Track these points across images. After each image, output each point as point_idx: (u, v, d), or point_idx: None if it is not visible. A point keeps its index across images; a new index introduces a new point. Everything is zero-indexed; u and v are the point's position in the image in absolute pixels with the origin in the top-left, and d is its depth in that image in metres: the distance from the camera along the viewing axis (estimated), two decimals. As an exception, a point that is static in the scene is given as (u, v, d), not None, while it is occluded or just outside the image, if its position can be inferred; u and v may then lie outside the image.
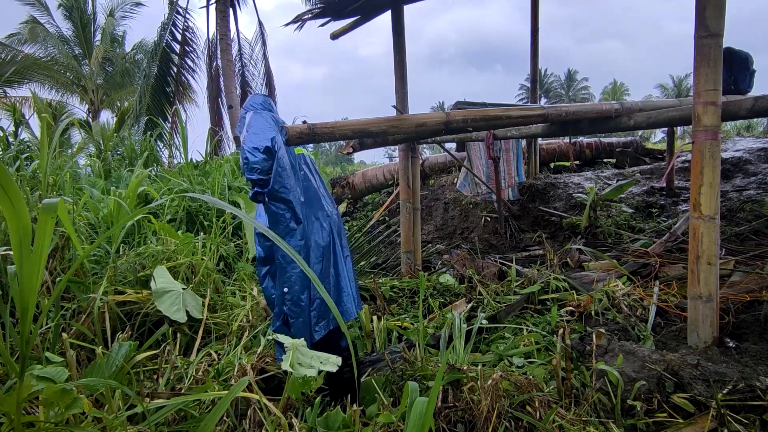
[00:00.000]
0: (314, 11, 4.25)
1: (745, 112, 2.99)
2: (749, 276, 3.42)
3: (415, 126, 3.06)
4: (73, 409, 1.58)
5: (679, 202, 6.19)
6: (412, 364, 2.37)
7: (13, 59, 15.22)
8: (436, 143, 6.94)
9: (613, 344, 2.59)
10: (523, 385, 2.15)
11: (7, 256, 2.73)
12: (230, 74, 12.56)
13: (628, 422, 2.10)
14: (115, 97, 20.48)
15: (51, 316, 2.55)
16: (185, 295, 3.06)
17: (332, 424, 1.96)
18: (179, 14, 14.74)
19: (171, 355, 2.46)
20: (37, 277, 1.40)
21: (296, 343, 1.95)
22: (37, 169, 4.21)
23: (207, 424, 1.50)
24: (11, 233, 1.34)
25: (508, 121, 3.54)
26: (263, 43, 16.36)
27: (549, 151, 10.20)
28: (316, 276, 1.80)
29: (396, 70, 4.42)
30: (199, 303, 3.14)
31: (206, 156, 6.54)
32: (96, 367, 2.06)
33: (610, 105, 3.78)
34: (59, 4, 19.28)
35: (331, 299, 1.31)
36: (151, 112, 13.56)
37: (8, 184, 1.27)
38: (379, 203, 9.29)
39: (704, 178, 2.55)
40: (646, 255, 4.29)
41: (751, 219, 5.02)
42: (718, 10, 2.51)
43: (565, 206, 6.66)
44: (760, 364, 2.37)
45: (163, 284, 3.02)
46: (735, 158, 6.91)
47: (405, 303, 3.83)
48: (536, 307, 3.50)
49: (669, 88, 49.31)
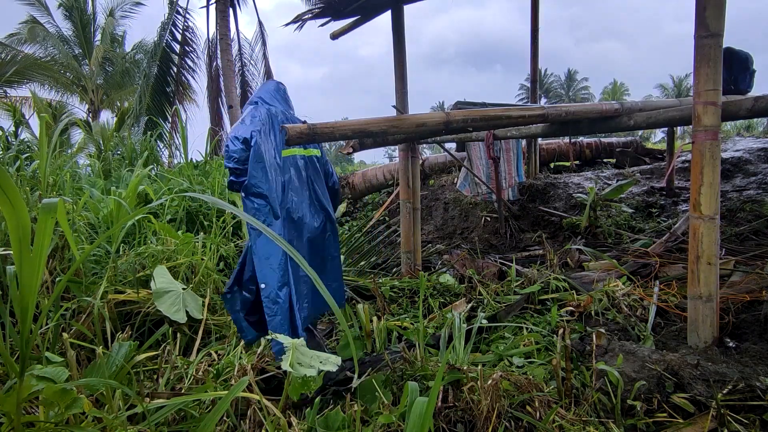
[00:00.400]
0: (314, 11, 4.24)
1: (745, 112, 2.99)
2: (749, 276, 3.42)
3: (415, 126, 3.06)
4: (73, 409, 1.58)
5: (679, 202, 6.19)
6: (412, 364, 2.37)
7: (13, 59, 15.22)
8: (436, 143, 6.94)
9: (613, 344, 2.59)
10: (523, 385, 2.15)
11: (6, 256, 2.73)
12: (230, 74, 12.55)
13: (628, 422, 2.10)
14: (115, 97, 20.48)
15: (51, 316, 2.55)
16: (185, 295, 3.06)
17: (332, 424, 1.96)
18: (179, 14, 14.74)
19: (171, 355, 2.46)
20: (37, 277, 1.40)
21: (296, 343, 1.95)
22: (37, 169, 4.21)
23: (207, 424, 1.50)
24: (11, 233, 1.34)
25: (508, 121, 3.53)
26: (263, 42, 16.36)
27: (549, 151, 10.20)
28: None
29: (396, 70, 4.42)
30: (199, 303, 3.14)
31: (206, 156, 6.53)
32: (96, 367, 2.06)
33: (610, 105, 3.78)
34: (59, 4, 19.28)
35: (325, 288, 1.28)
36: (151, 112, 13.56)
37: (7, 185, 1.27)
38: (379, 203, 9.29)
39: (704, 178, 2.55)
40: (646, 255, 4.29)
41: (751, 219, 5.02)
42: (718, 10, 2.51)
43: (565, 206, 6.65)
44: (760, 364, 2.37)
45: (163, 284, 3.01)
46: (735, 158, 6.91)
47: (405, 303, 3.83)
48: (536, 307, 3.50)
49: (669, 88, 49.31)
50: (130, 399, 2.02)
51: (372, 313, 3.11)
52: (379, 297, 3.70)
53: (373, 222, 7.18)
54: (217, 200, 1.44)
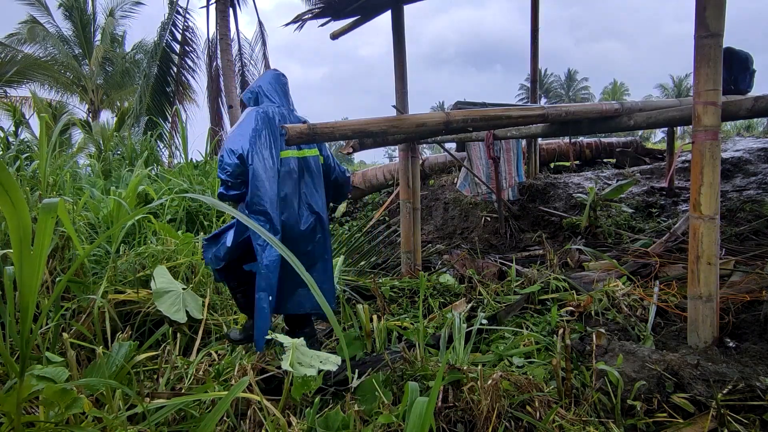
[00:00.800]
0: (314, 11, 4.25)
1: (745, 112, 2.99)
2: (749, 276, 3.42)
3: (415, 126, 3.06)
4: (73, 409, 1.58)
5: (679, 202, 6.19)
6: (412, 364, 2.37)
7: (13, 59, 15.22)
8: (436, 143, 6.94)
9: (613, 344, 2.59)
10: (523, 385, 2.15)
11: (6, 256, 2.73)
12: (230, 74, 12.55)
13: (628, 422, 2.10)
14: (115, 97, 20.48)
15: (51, 316, 2.55)
16: (185, 295, 3.06)
17: (332, 424, 1.96)
18: (179, 14, 14.74)
19: (171, 355, 2.46)
20: (38, 277, 1.40)
21: (296, 343, 1.95)
22: (36, 169, 4.21)
23: (207, 424, 1.50)
24: (11, 233, 1.34)
25: (508, 121, 3.53)
26: (263, 43, 16.36)
27: (549, 151, 10.20)
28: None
29: (396, 70, 4.42)
30: (199, 303, 3.14)
31: (206, 156, 6.54)
32: (96, 367, 2.06)
33: (610, 105, 3.78)
34: (59, 4, 19.27)
35: (321, 294, 1.28)
36: (151, 112, 13.56)
37: (9, 184, 1.27)
38: (379, 203, 9.29)
39: (704, 178, 2.55)
40: (646, 255, 4.29)
41: (751, 219, 5.02)
42: (718, 9, 2.51)
43: (565, 206, 6.65)
44: (760, 364, 2.37)
45: (163, 284, 3.01)
46: (735, 158, 6.91)
47: (405, 303, 3.83)
48: (536, 307, 3.50)
49: (669, 88, 49.32)
50: (130, 399, 2.03)
51: (372, 313, 3.11)
52: (379, 297, 3.70)
53: (373, 222, 7.19)
54: (217, 201, 1.45)
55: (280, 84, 2.85)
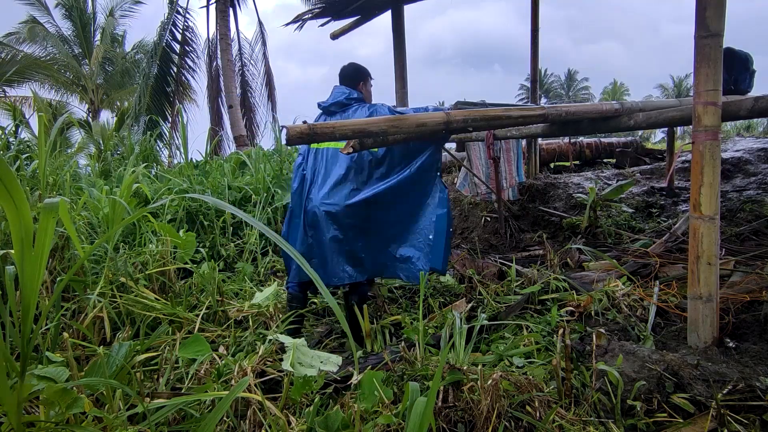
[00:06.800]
0: (314, 11, 4.25)
1: (745, 113, 2.99)
2: (749, 276, 3.42)
3: (416, 126, 3.05)
4: (73, 409, 1.58)
5: (679, 202, 6.18)
6: (412, 364, 2.37)
7: (13, 59, 15.22)
8: (436, 143, 6.91)
9: (613, 344, 2.59)
10: (523, 385, 2.15)
11: (6, 256, 2.73)
12: (230, 74, 12.56)
13: (628, 422, 2.10)
14: (115, 96, 20.48)
15: (51, 316, 2.55)
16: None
17: (332, 424, 1.95)
18: (179, 14, 14.75)
19: (171, 355, 2.46)
20: (39, 277, 1.40)
21: (296, 343, 1.95)
22: (36, 169, 4.21)
23: (207, 424, 1.50)
24: (13, 233, 1.34)
25: (508, 121, 3.53)
26: (263, 42, 16.38)
27: (549, 151, 10.20)
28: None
29: (396, 70, 4.42)
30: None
31: (206, 156, 6.54)
32: (96, 366, 2.06)
33: (610, 105, 3.78)
34: (57, 3, 19.27)
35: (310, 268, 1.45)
36: (151, 111, 13.57)
37: (12, 184, 1.27)
38: (379, 203, 9.25)
39: (704, 178, 2.55)
40: (646, 255, 4.29)
41: (751, 219, 5.02)
42: (718, 10, 2.51)
43: (565, 206, 6.65)
44: (760, 364, 2.37)
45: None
46: (735, 158, 6.91)
47: (405, 303, 3.84)
48: (536, 307, 3.50)
49: (669, 88, 49.35)
50: (130, 399, 2.03)
51: (371, 313, 3.11)
52: (378, 297, 3.70)
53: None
54: (217, 201, 1.44)
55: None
